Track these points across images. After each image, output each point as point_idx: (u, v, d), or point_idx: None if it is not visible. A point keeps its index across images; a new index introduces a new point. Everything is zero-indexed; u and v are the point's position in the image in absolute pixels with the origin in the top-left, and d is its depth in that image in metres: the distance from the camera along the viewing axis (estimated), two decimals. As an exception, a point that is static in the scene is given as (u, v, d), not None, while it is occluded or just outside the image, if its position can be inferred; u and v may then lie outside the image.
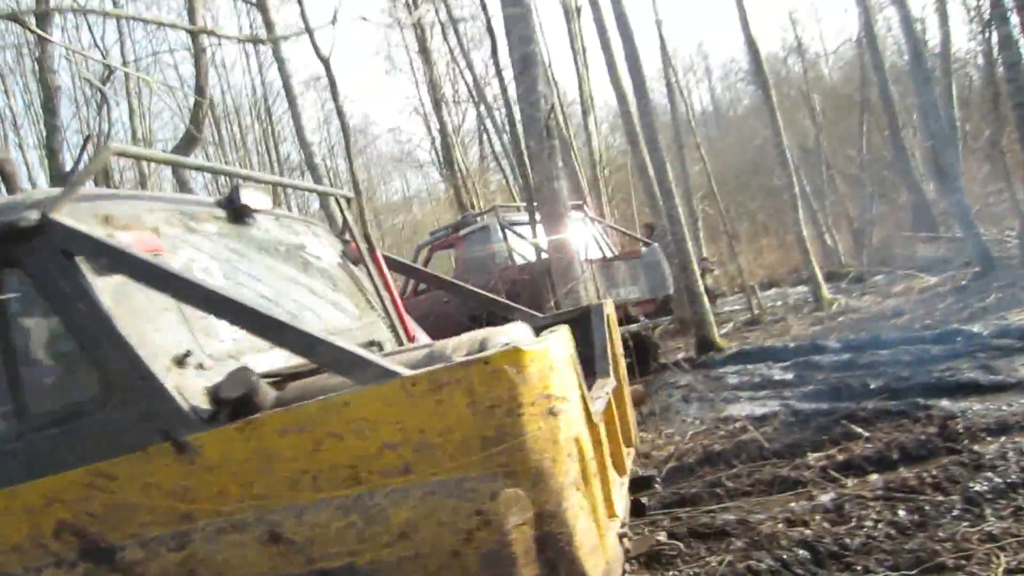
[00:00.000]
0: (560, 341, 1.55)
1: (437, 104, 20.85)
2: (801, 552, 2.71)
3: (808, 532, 2.89)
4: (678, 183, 10.86)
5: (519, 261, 7.42)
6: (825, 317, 9.50)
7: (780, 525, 3.01)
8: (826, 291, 10.74)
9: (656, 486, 3.03)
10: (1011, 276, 8.51)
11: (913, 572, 2.44)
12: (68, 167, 7.20)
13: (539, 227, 6.08)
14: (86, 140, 7.77)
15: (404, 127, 46.11)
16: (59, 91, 7.01)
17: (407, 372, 1.39)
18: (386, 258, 3.16)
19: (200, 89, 7.23)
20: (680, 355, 8.68)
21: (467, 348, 1.54)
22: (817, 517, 3.04)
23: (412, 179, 32.68)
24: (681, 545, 2.91)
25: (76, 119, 14.78)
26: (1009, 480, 2.97)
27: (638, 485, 2.80)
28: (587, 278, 5.59)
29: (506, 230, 7.49)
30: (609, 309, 2.87)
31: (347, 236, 3.04)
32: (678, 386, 6.84)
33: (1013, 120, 8.71)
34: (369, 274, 2.90)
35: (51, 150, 6.51)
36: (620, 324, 7.08)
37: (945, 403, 4.23)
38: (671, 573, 2.74)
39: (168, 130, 21.08)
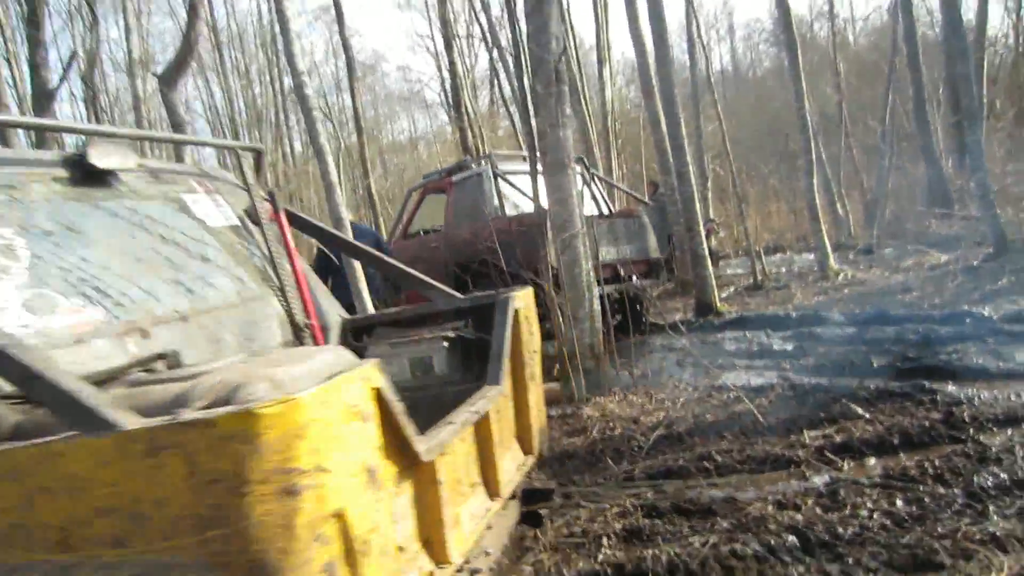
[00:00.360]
0: (333, 392, 1.24)
1: (449, 44, 20.21)
2: (790, 538, 2.55)
3: (799, 517, 2.73)
4: (691, 141, 10.49)
5: (511, 211, 7.15)
6: (830, 287, 9.29)
7: (769, 507, 2.85)
8: (833, 261, 10.50)
9: (556, 499, 2.77)
10: (1025, 259, 8.26)
11: (908, 570, 2.28)
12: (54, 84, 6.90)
13: (539, 178, 5.79)
14: (71, 57, 7.42)
15: (414, 66, 44.95)
16: (44, 2, 6.63)
17: (126, 425, 1.12)
18: (298, 219, 2.76)
19: (193, 7, 6.82)
20: (678, 316, 8.49)
21: (215, 394, 1.23)
22: (809, 501, 2.88)
23: (419, 119, 32.08)
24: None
25: (67, 35, 14.23)
26: (1016, 476, 2.78)
27: (534, 498, 2.51)
28: (584, 234, 5.33)
29: (500, 178, 7.20)
30: (520, 303, 2.48)
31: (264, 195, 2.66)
32: (673, 349, 6.68)
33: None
34: (265, 237, 2.53)
35: (34, 65, 6.16)
36: (610, 282, 6.94)
37: (951, 388, 4.05)
38: (650, 551, 2.58)
39: (169, 52, 20.42)
